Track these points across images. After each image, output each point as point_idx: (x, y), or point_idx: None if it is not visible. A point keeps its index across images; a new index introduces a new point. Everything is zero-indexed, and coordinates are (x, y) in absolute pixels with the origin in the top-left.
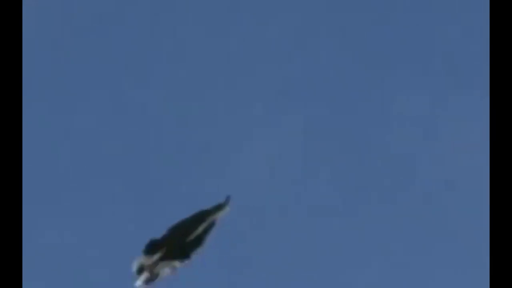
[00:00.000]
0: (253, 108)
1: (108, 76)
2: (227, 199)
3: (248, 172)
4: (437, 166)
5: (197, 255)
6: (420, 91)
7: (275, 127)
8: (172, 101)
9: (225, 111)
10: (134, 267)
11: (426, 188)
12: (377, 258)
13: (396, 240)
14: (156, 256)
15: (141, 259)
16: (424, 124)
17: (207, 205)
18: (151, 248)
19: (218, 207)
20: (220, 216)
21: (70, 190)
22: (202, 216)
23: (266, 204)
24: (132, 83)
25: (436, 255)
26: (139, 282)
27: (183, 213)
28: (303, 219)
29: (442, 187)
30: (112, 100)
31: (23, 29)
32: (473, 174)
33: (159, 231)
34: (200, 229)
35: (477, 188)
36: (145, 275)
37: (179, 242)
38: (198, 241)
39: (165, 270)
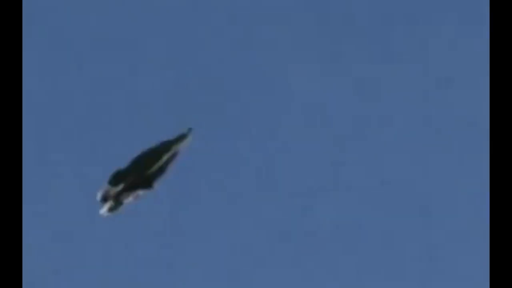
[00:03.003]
0: None
1: None
2: (189, 130)
3: None
4: None
5: (159, 184)
6: None
7: None
8: None
9: None
10: (99, 196)
11: None
12: None
13: None
14: (120, 186)
15: (105, 189)
16: None
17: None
18: (116, 178)
19: (181, 138)
20: (182, 146)
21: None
22: (165, 147)
23: None
24: None
25: None
26: (104, 210)
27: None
28: None
29: None
30: None
31: None
32: None
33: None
34: (163, 159)
35: None
36: (109, 204)
37: (143, 172)
38: (161, 170)
39: (128, 199)
